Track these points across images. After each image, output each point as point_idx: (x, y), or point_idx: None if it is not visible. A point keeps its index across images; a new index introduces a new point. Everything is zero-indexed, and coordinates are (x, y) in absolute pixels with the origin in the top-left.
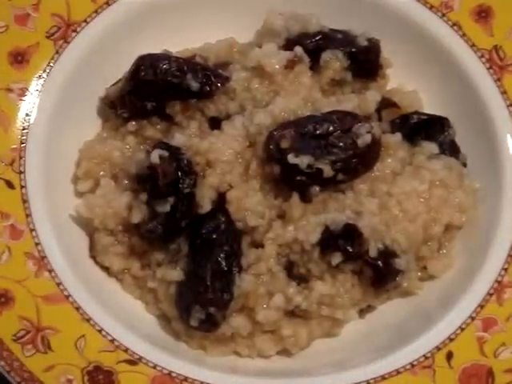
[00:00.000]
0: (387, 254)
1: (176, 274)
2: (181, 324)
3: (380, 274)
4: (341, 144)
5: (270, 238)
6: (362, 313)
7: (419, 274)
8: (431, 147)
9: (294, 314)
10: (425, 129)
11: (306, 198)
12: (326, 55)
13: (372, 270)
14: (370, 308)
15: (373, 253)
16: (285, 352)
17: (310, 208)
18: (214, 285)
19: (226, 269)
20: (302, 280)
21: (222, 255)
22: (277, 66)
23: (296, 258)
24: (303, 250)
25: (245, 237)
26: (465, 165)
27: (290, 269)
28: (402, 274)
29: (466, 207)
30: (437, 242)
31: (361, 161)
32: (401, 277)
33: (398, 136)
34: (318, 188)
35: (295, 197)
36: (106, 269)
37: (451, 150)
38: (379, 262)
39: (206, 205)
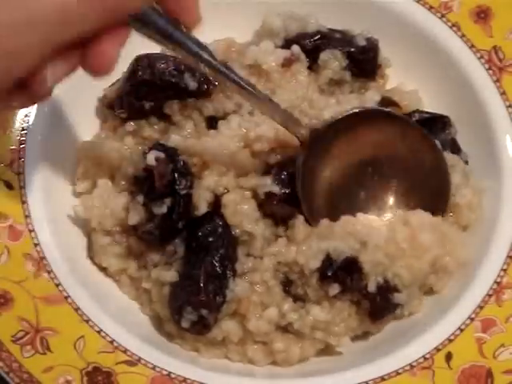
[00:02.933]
0: (387, 289)
1: (170, 274)
2: (173, 325)
3: (377, 307)
4: None
5: (270, 252)
6: None
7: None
8: None
9: (287, 330)
10: (427, 127)
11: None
12: (325, 55)
13: (369, 303)
14: None
15: (371, 288)
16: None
17: (316, 230)
18: (207, 287)
19: (220, 272)
20: (299, 299)
21: (217, 258)
22: (273, 64)
23: (295, 277)
24: (302, 273)
25: (242, 247)
26: (466, 162)
27: (286, 285)
28: (401, 307)
29: (475, 206)
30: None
31: None
32: (400, 309)
33: None
34: None
35: (300, 218)
36: (103, 269)
37: (452, 148)
38: (377, 297)
39: (202, 206)
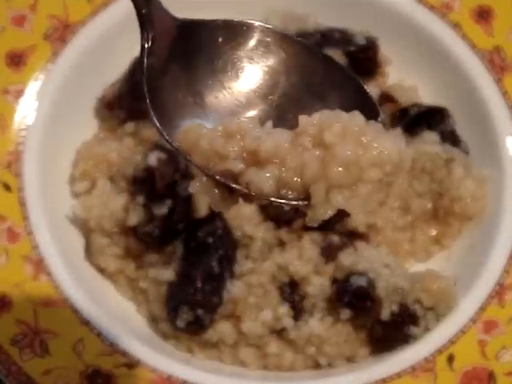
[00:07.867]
0: (404, 318)
1: (168, 274)
2: (168, 325)
3: (389, 336)
4: None
5: (277, 261)
6: None
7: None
8: (432, 136)
9: (282, 336)
10: (425, 120)
11: None
12: None
13: (382, 330)
14: None
15: (385, 316)
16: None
17: None
18: (204, 287)
19: (217, 272)
20: (297, 304)
21: (215, 259)
22: None
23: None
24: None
25: (241, 250)
26: (467, 153)
27: (283, 291)
28: (414, 340)
29: (478, 196)
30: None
31: None
32: (412, 341)
33: (398, 131)
34: None
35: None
36: (101, 270)
37: (452, 139)
38: (390, 327)
39: (203, 208)
